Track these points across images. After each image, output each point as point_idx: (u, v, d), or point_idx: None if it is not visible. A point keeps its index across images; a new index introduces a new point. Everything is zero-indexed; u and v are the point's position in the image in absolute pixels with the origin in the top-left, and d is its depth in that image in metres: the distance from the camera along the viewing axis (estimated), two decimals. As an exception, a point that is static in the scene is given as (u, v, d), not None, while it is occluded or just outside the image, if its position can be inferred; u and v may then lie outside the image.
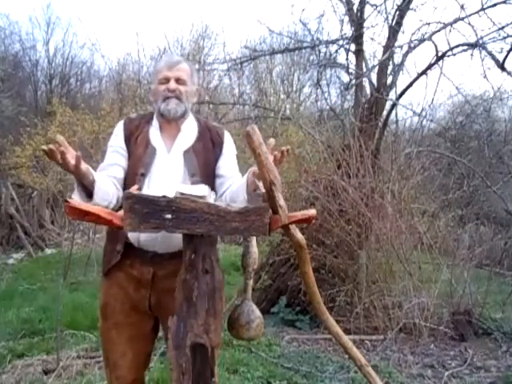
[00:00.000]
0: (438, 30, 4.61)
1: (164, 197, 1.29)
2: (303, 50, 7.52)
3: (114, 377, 1.74)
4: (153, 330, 1.78)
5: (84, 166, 1.42)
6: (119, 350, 1.71)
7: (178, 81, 1.73)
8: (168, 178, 1.66)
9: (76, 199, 1.44)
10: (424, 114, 5.13)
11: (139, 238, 1.66)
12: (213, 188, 1.75)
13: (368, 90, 5.20)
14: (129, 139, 1.75)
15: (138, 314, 1.72)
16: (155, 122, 1.78)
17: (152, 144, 1.73)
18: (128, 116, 1.88)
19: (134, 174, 1.69)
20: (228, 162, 1.80)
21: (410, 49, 4.74)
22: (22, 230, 8.48)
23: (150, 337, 1.78)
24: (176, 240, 1.46)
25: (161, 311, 1.70)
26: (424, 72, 4.74)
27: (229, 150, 1.81)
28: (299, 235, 1.53)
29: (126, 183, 1.69)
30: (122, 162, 1.73)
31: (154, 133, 1.76)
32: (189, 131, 1.78)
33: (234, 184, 1.70)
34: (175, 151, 1.73)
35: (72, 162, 1.36)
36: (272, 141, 1.42)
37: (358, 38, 5.15)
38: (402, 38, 5.59)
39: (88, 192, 1.50)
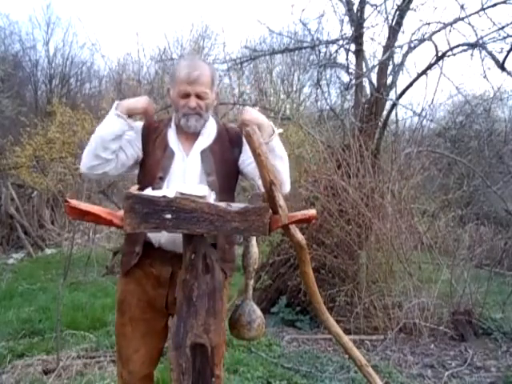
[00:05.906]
0: (438, 30, 4.60)
1: (164, 197, 1.29)
2: (303, 50, 7.51)
3: (126, 371, 1.78)
4: (165, 327, 1.82)
5: None
6: (133, 345, 1.76)
7: (199, 96, 1.71)
8: (186, 179, 1.70)
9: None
10: (424, 114, 5.12)
11: (160, 239, 1.69)
12: (232, 187, 1.79)
13: (368, 90, 5.19)
14: (146, 138, 1.78)
15: (153, 311, 1.77)
16: (173, 126, 1.80)
17: (170, 147, 1.75)
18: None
19: (153, 177, 1.71)
20: (250, 157, 1.76)
21: (410, 49, 4.73)
22: (22, 230, 8.47)
23: (162, 334, 1.82)
24: None
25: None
26: (424, 72, 4.74)
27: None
28: (299, 235, 1.53)
29: (144, 185, 1.69)
30: (129, 151, 1.77)
31: (172, 136, 1.78)
32: (208, 133, 1.80)
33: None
34: (193, 152, 1.75)
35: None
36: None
37: (357, 38, 5.14)
38: (402, 38, 5.58)
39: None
